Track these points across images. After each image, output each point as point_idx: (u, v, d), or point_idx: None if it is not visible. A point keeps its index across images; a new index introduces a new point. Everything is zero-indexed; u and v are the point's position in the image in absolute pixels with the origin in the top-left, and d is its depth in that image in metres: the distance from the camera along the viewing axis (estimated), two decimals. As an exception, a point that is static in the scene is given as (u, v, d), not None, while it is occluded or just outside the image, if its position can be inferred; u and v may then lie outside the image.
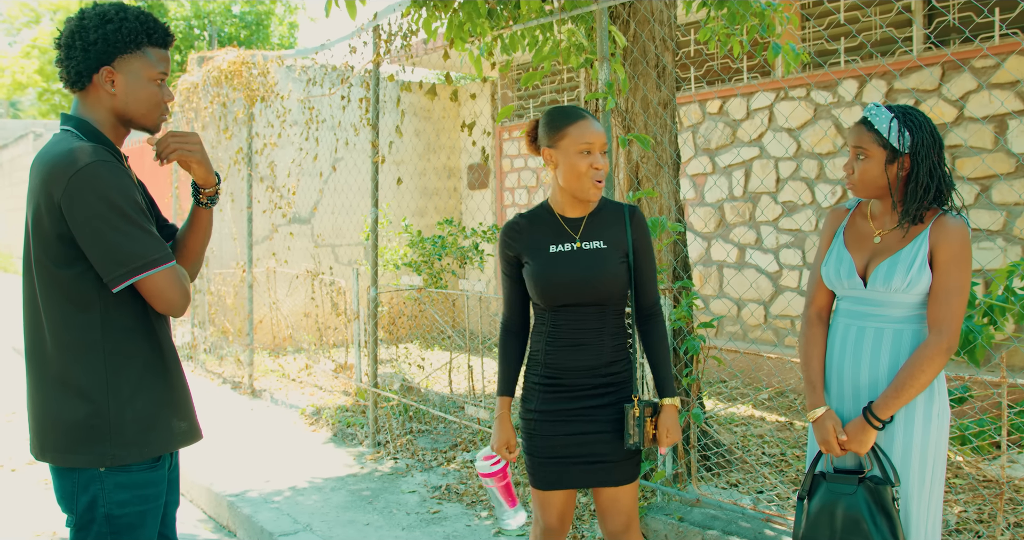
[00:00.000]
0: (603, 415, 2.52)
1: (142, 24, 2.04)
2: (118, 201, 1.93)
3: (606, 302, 2.51)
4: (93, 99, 2.06)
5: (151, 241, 1.98)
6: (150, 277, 1.97)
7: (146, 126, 2.13)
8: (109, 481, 2.02)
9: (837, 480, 2.40)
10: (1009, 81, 5.65)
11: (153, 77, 2.08)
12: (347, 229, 9.85)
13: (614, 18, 4.51)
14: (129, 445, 2.02)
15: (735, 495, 4.19)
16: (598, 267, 2.48)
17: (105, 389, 2.00)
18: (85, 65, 2.02)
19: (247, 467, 5.04)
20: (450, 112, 10.74)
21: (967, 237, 2.34)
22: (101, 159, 1.94)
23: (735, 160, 7.36)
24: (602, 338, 2.51)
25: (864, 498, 2.33)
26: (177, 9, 23.25)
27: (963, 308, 2.31)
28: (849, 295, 2.49)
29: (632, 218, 2.56)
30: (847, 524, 2.34)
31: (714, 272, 7.59)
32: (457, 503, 4.41)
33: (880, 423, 2.33)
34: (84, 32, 2.01)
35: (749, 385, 6.84)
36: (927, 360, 2.29)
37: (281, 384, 7.41)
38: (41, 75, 27.20)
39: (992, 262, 5.65)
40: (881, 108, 2.40)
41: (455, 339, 7.04)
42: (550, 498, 2.60)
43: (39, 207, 1.97)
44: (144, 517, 2.09)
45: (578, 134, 2.45)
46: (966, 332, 3.56)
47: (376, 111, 5.45)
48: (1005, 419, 3.13)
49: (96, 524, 2.03)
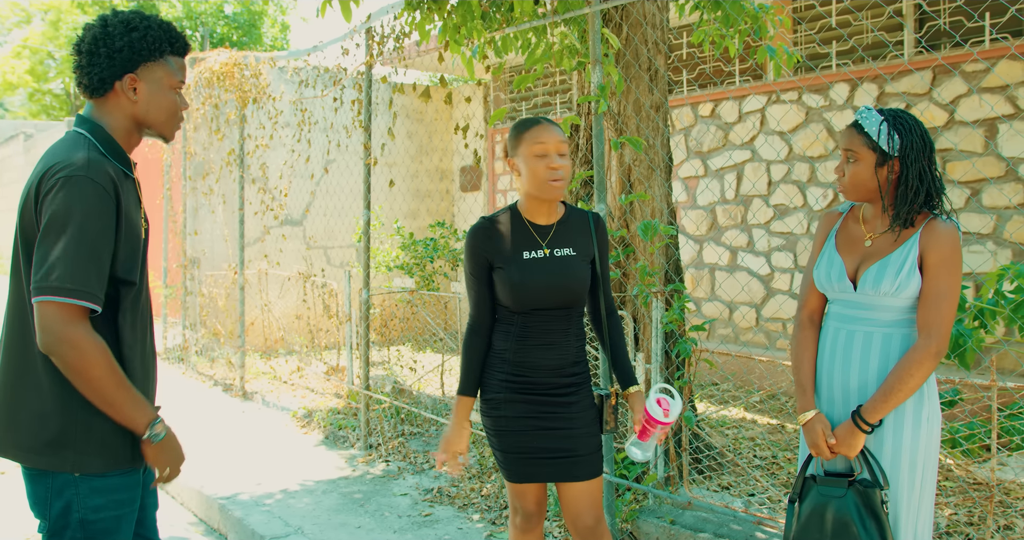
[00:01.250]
0: (567, 412, 2.61)
1: (165, 33, 2.06)
2: (84, 221, 1.88)
3: (573, 305, 2.62)
4: (112, 105, 2.06)
5: (92, 274, 1.89)
6: (59, 304, 1.87)
7: (163, 134, 2.14)
8: (84, 486, 2.00)
9: (827, 483, 2.41)
10: (999, 85, 5.68)
11: (174, 85, 2.10)
12: (339, 231, 9.83)
13: (607, 21, 4.52)
14: (94, 454, 1.99)
15: (727, 498, 4.20)
16: (570, 273, 2.59)
17: (78, 397, 1.96)
18: (109, 72, 2.02)
19: (238, 470, 5.03)
20: (443, 114, 10.73)
21: (957, 241, 2.34)
22: (91, 177, 1.91)
23: (727, 163, 7.37)
24: (568, 339, 2.62)
25: (853, 501, 2.34)
26: (168, 10, 23.21)
27: (953, 312, 2.32)
28: (840, 298, 2.50)
29: (596, 225, 2.69)
30: (837, 527, 2.34)
31: (706, 275, 7.60)
32: (449, 506, 4.40)
33: (869, 427, 2.33)
34: (109, 39, 2.01)
35: (741, 388, 6.86)
36: (916, 364, 2.29)
37: (273, 386, 7.39)
38: (32, 75, 27.09)
39: (982, 265, 5.68)
40: (872, 111, 2.41)
41: (447, 341, 7.04)
42: (524, 488, 2.69)
43: (28, 203, 1.96)
44: (119, 522, 2.06)
45: (532, 138, 2.54)
46: (956, 336, 3.57)
47: (368, 113, 5.44)
48: (995, 422, 3.14)
49: (70, 530, 2.00)
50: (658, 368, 3.95)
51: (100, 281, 1.92)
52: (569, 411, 2.62)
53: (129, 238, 2.01)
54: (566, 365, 2.62)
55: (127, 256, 2.01)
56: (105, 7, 23.10)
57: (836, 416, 2.46)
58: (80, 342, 1.88)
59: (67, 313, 1.87)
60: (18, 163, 18.57)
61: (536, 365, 2.60)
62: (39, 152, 16.26)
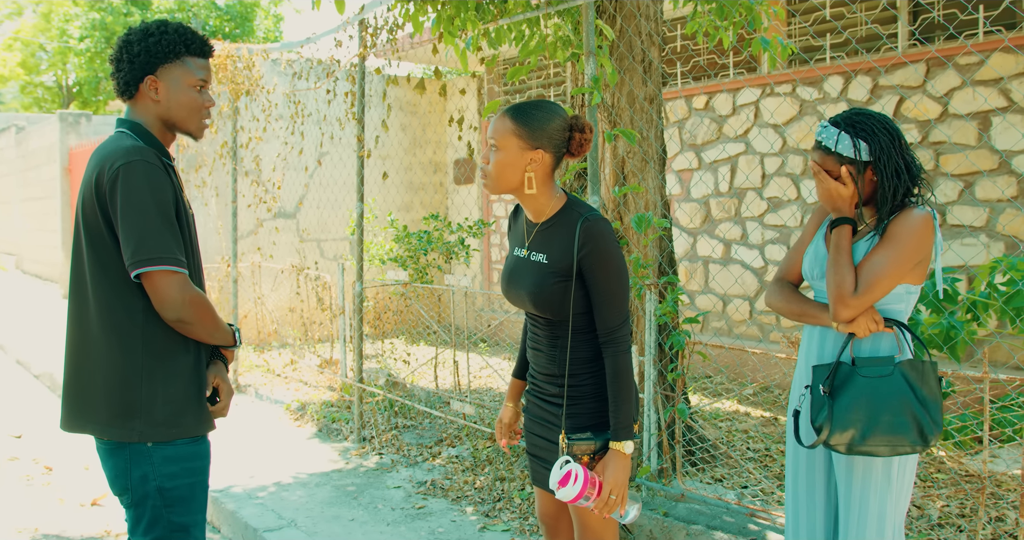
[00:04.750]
0: (559, 425, 2.38)
1: (180, 36, 2.23)
2: (151, 198, 2.10)
3: (548, 316, 2.34)
4: (141, 106, 2.26)
5: (166, 241, 2.11)
6: (153, 273, 2.10)
7: (189, 130, 2.31)
8: (157, 455, 2.19)
9: (871, 364, 2.30)
10: (993, 78, 5.68)
11: (193, 83, 2.26)
12: (333, 224, 9.81)
13: (600, 13, 4.51)
14: (159, 425, 2.18)
15: (720, 490, 4.21)
16: (526, 281, 2.34)
17: (140, 371, 2.16)
18: (131, 75, 2.22)
19: (231, 462, 5.02)
20: (436, 107, 10.70)
21: (920, 222, 2.30)
22: (146, 160, 2.13)
23: (721, 156, 7.37)
24: (555, 349, 2.36)
25: (903, 375, 2.27)
26: (161, 2, 23.10)
27: (881, 285, 2.26)
28: (819, 288, 2.48)
29: (581, 235, 2.24)
30: (889, 405, 2.24)
31: (699, 268, 7.61)
32: (442, 498, 4.40)
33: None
34: (129, 46, 2.22)
35: (734, 380, 6.87)
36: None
37: (266, 379, 7.38)
38: (23, 68, 26.93)
39: (975, 258, 5.69)
40: (829, 127, 2.37)
41: (441, 334, 7.03)
42: (538, 494, 2.59)
43: (88, 195, 2.16)
44: (194, 489, 2.26)
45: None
46: (947, 328, 3.58)
47: (362, 105, 5.42)
48: (987, 414, 3.15)
49: (151, 498, 2.19)
50: (651, 361, 3.96)
51: (181, 248, 2.16)
52: (559, 423, 2.38)
53: (185, 215, 2.24)
54: (557, 375, 2.37)
55: (187, 229, 2.24)
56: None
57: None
58: (198, 299, 2.16)
59: (176, 279, 2.11)
60: (9, 156, 18.45)
61: (534, 369, 2.49)
62: (31, 145, 16.17)
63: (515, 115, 2.31)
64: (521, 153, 2.29)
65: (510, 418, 2.67)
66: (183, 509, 2.23)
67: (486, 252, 10.08)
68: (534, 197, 2.34)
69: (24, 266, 17.71)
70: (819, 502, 2.46)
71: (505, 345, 8.89)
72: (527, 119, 2.29)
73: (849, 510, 2.35)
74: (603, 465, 2.26)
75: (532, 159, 2.29)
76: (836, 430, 2.26)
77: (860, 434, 2.24)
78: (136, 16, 22.23)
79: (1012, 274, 3.77)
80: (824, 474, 2.45)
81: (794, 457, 2.51)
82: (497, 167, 2.31)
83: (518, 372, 2.65)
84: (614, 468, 2.23)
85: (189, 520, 2.25)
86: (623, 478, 2.24)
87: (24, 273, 17.52)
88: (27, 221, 17.14)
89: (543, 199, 2.35)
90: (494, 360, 7.99)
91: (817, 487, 2.47)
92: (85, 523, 4.29)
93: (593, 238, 2.24)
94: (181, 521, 2.23)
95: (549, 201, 2.36)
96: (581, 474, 2.20)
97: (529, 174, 2.30)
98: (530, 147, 2.29)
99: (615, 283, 2.27)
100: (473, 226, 7.58)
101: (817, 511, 2.46)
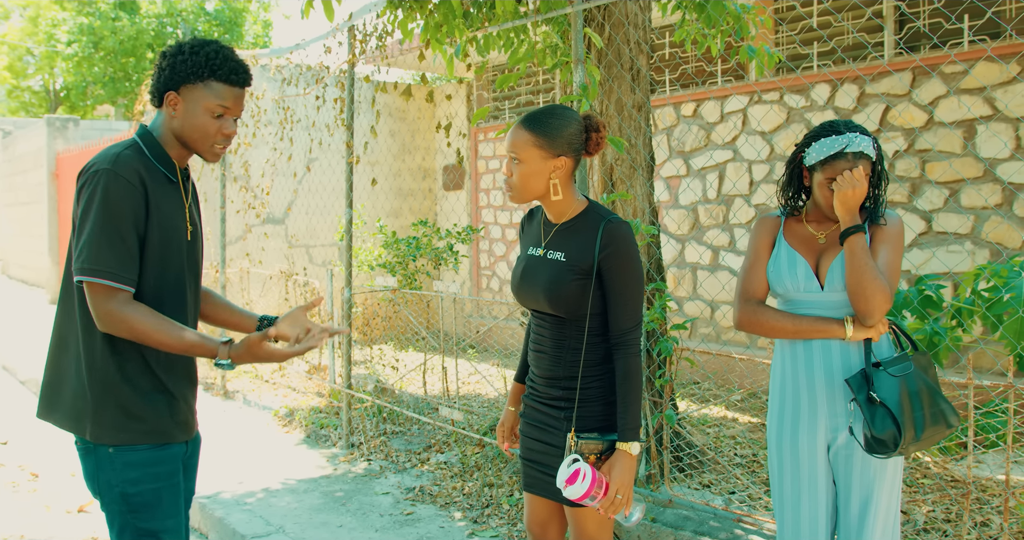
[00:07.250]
0: (561, 428, 2.36)
1: (208, 59, 2.22)
2: (104, 209, 2.09)
3: (560, 315, 2.35)
4: (163, 118, 2.29)
5: (105, 254, 2.09)
6: (87, 284, 2.10)
7: (199, 152, 2.29)
8: (118, 460, 2.18)
9: (893, 363, 2.35)
10: (977, 87, 5.73)
11: (210, 108, 2.24)
12: (321, 230, 9.80)
13: (589, 21, 4.53)
14: (108, 427, 2.16)
15: (707, 496, 4.22)
16: (546, 279, 2.34)
17: (95, 371, 2.16)
18: (156, 87, 2.27)
19: (220, 469, 5.00)
20: (425, 113, 10.72)
21: (901, 224, 2.45)
22: (116, 171, 2.11)
23: (709, 163, 7.41)
24: (561, 351, 2.36)
25: (919, 368, 2.36)
26: (149, 6, 23.03)
27: (895, 287, 2.34)
28: (802, 299, 2.47)
29: (604, 234, 2.28)
30: (925, 399, 2.31)
31: (687, 274, 7.64)
32: (431, 505, 4.40)
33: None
34: (163, 59, 2.25)
35: (722, 386, 6.89)
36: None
37: (254, 385, 7.36)
38: (10, 72, 26.77)
39: (960, 265, 5.74)
40: (860, 136, 2.39)
41: (429, 340, 7.03)
42: (528, 501, 2.55)
43: (76, 196, 2.20)
44: (159, 495, 2.22)
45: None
46: (931, 334, 3.61)
47: (351, 111, 5.43)
48: (972, 420, 3.17)
49: (116, 504, 2.19)
50: (639, 367, 3.97)
51: (123, 262, 2.11)
52: (562, 427, 2.36)
53: (162, 230, 2.20)
54: (561, 377, 2.36)
55: (159, 245, 2.20)
56: (84, 1, 22.90)
57: (828, 429, 2.44)
58: (115, 315, 2.09)
59: (99, 292, 2.08)
60: (-4, 160, 18.35)
61: (535, 371, 2.47)
62: (18, 149, 16.09)
63: (532, 126, 2.32)
64: (544, 162, 2.32)
65: (512, 422, 2.68)
66: (148, 515, 2.21)
67: (475, 258, 10.08)
68: (559, 202, 2.38)
69: (10, 271, 17.61)
70: (822, 504, 2.46)
71: (494, 351, 8.89)
72: (545, 128, 2.31)
73: (867, 508, 2.38)
74: (609, 465, 2.26)
75: (556, 167, 2.33)
76: (905, 433, 2.27)
77: (915, 433, 2.28)
78: (124, 21, 22.11)
79: (996, 281, 3.80)
80: (825, 476, 2.47)
81: (792, 461, 2.50)
82: (521, 178, 2.33)
83: (520, 376, 2.66)
84: (620, 469, 2.24)
85: (157, 525, 2.22)
86: (629, 479, 2.25)
87: (10, 278, 17.42)
88: (13, 226, 17.05)
89: (567, 201, 2.39)
90: (483, 366, 7.99)
91: (820, 489, 2.46)
92: (71, 530, 4.27)
93: (615, 240, 2.28)
94: (147, 527, 2.21)
95: (572, 203, 2.40)
96: (589, 473, 2.20)
97: (554, 181, 2.34)
98: (552, 155, 2.32)
99: (632, 286, 2.31)
100: (462, 232, 7.59)
101: (820, 512, 2.46)
